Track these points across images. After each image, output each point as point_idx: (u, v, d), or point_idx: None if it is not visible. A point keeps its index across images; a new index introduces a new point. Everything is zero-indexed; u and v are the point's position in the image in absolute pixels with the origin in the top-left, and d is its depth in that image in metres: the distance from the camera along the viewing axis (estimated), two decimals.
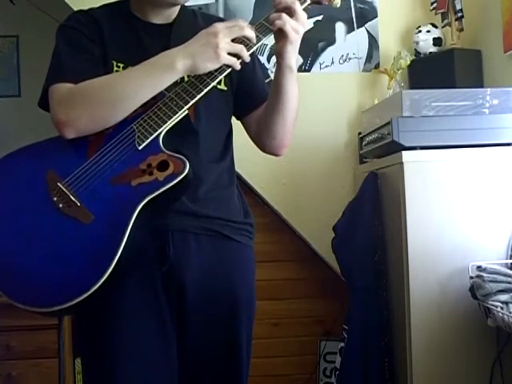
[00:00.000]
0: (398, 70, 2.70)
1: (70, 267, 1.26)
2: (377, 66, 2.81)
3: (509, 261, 2.05)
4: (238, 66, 1.35)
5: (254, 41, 1.37)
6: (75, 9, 2.56)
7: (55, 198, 1.31)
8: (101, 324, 1.39)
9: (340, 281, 2.62)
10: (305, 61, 2.76)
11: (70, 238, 1.28)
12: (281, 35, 1.39)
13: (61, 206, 1.30)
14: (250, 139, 1.60)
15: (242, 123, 1.61)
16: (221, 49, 1.32)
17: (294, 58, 1.43)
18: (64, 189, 1.31)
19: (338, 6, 1.51)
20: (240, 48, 1.34)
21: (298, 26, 1.38)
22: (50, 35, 3.58)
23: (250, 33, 1.37)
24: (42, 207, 1.31)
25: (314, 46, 2.76)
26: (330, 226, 2.50)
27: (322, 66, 2.79)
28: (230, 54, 1.33)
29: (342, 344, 2.42)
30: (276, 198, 2.75)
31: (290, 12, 1.38)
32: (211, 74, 1.35)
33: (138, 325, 1.39)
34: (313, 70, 2.77)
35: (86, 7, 1.52)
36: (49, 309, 1.26)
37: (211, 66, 1.34)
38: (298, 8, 1.39)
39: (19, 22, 3.55)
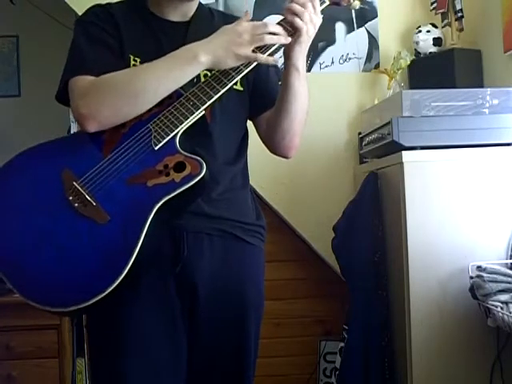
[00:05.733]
0: (398, 69, 2.69)
1: (85, 267, 1.26)
2: (377, 66, 2.81)
3: (509, 261, 2.05)
4: (263, 60, 1.35)
5: (282, 34, 1.36)
6: (75, 9, 2.59)
7: (71, 198, 1.31)
8: (112, 323, 1.39)
9: (340, 281, 2.62)
10: None
11: (85, 237, 1.28)
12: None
13: (76, 205, 1.30)
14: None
15: (254, 123, 1.60)
16: (243, 46, 1.32)
17: (301, 59, 1.43)
18: (79, 188, 1.31)
19: (357, 7, 1.51)
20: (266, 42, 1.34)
21: (312, 29, 1.39)
22: (50, 35, 3.60)
23: (276, 28, 1.36)
24: (57, 206, 1.31)
25: (314, 46, 2.76)
26: (330, 226, 2.49)
27: (322, 66, 2.79)
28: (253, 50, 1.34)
29: (342, 344, 2.42)
30: (276, 197, 2.75)
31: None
32: (229, 75, 1.35)
33: (149, 324, 1.39)
34: (313, 70, 2.77)
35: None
36: (64, 309, 1.26)
37: (232, 63, 1.34)
38: (318, 9, 1.39)
39: (19, 22, 3.55)
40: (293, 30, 1.38)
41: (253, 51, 1.34)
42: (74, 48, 1.45)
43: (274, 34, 1.35)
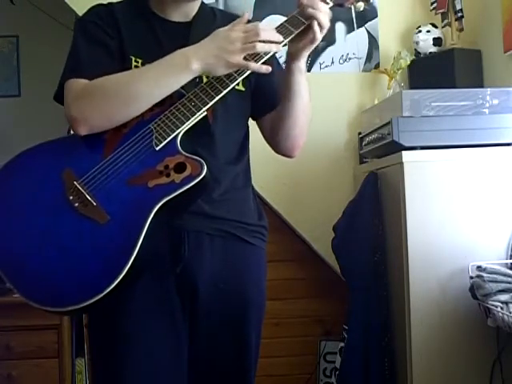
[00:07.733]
0: (398, 69, 2.70)
1: (85, 267, 1.26)
2: (377, 66, 2.81)
3: (509, 261, 2.05)
4: (255, 68, 1.34)
5: (280, 41, 1.36)
6: (75, 9, 2.59)
7: (71, 197, 1.31)
8: (112, 322, 1.39)
9: (340, 281, 2.62)
10: None
11: (86, 237, 1.28)
12: (302, 35, 1.39)
13: (76, 205, 1.30)
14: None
15: (257, 123, 1.60)
16: (235, 54, 1.32)
17: (304, 59, 1.44)
18: (80, 188, 1.31)
19: (361, 9, 1.51)
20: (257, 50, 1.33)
21: (323, 30, 1.39)
22: (50, 35, 3.60)
23: (270, 35, 1.35)
24: (57, 206, 1.31)
25: None
26: (330, 225, 2.50)
27: (322, 66, 2.79)
28: (245, 58, 1.33)
29: (342, 344, 2.42)
30: (276, 198, 2.75)
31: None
32: (230, 76, 1.35)
33: (149, 324, 1.39)
34: (313, 70, 2.77)
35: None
36: (63, 308, 1.26)
37: (223, 71, 1.34)
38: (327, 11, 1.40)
39: (19, 22, 3.56)
40: (295, 30, 1.38)
41: (245, 58, 1.33)
42: (73, 49, 1.45)
43: (267, 41, 1.35)
